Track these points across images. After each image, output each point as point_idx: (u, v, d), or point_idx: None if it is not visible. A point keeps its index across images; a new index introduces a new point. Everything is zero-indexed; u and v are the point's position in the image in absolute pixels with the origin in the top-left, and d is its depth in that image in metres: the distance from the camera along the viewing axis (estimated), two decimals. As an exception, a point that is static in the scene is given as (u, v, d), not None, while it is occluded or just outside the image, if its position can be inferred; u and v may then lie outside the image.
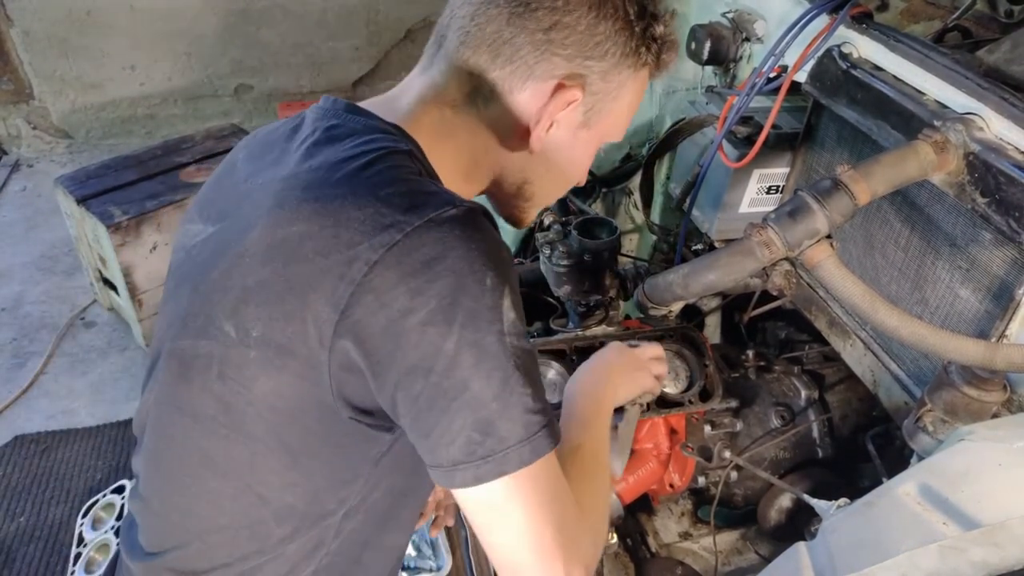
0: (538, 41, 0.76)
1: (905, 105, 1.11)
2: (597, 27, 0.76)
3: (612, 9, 0.77)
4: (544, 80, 0.77)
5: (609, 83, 0.80)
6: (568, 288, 1.27)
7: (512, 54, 0.76)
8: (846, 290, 0.96)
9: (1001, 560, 0.69)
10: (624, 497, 1.23)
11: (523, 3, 0.75)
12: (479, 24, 0.76)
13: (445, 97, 0.80)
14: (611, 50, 0.78)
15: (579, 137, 0.84)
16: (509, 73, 0.77)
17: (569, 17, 0.75)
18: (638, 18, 0.79)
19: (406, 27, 4.12)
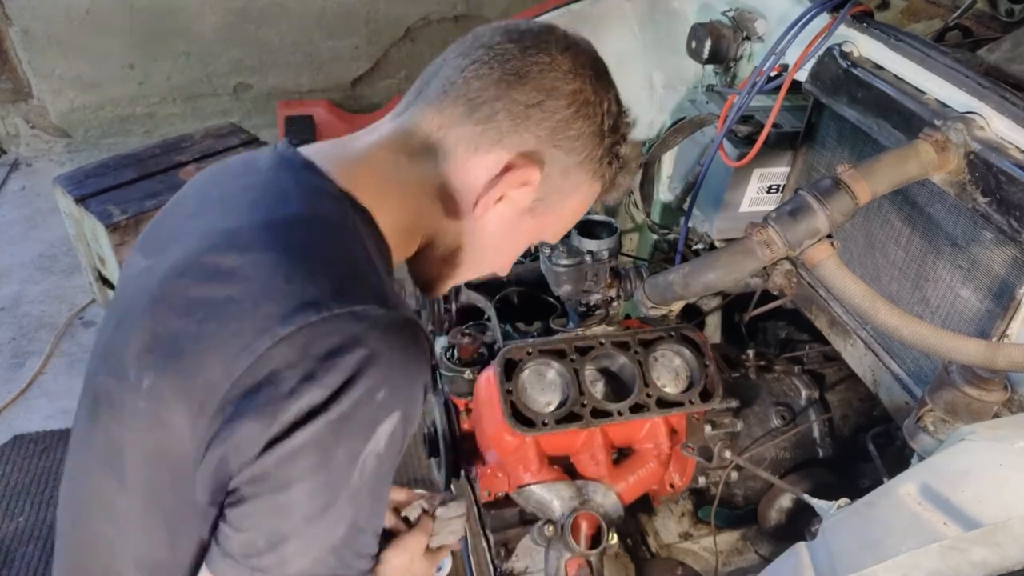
0: (518, 112, 0.76)
1: (906, 104, 1.11)
2: (575, 122, 0.78)
3: (592, 112, 0.79)
4: (510, 150, 0.77)
5: (566, 181, 0.81)
6: (568, 288, 1.26)
7: (489, 115, 0.76)
8: (847, 290, 0.96)
9: (1002, 560, 0.69)
10: (624, 497, 1.22)
11: (516, 72, 0.76)
12: (467, 78, 0.77)
13: (406, 144, 0.79)
14: (579, 148, 0.79)
15: (521, 222, 0.83)
16: (480, 132, 0.77)
17: (553, 102, 0.77)
18: (610, 131, 0.81)
19: (405, 26, 4.11)
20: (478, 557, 1.48)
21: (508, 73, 0.76)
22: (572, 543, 1.13)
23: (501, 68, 0.76)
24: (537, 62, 0.77)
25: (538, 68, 0.77)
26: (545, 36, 0.79)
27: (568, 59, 0.78)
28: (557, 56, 0.78)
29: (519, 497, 1.22)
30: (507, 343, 1.25)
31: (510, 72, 0.76)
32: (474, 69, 0.77)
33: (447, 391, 1.34)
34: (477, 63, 0.77)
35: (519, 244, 0.88)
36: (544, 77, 0.77)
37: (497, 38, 0.78)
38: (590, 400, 1.19)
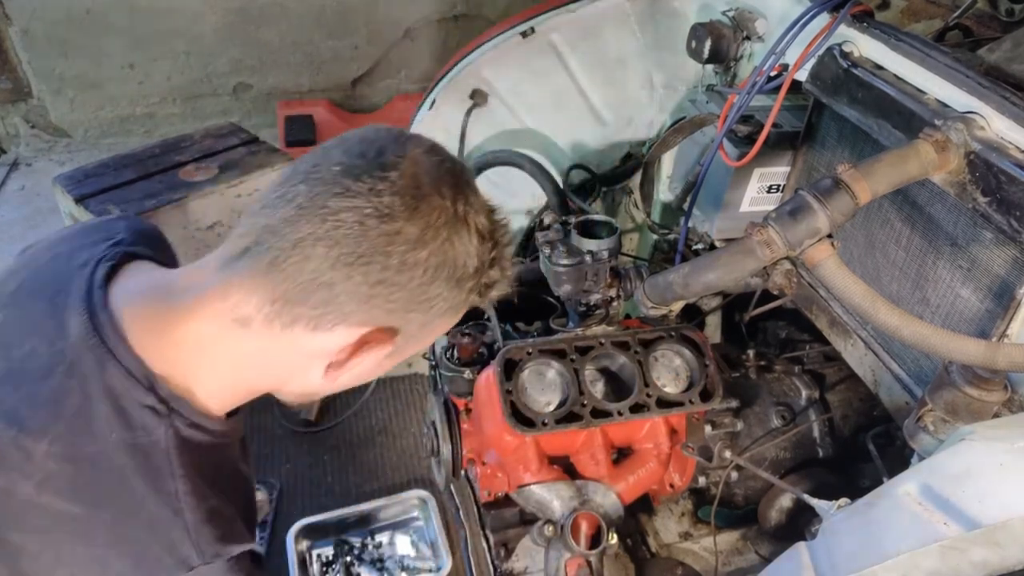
0: (361, 294, 0.69)
1: (906, 104, 1.11)
2: (429, 288, 0.71)
3: (450, 271, 0.72)
4: (357, 327, 0.72)
5: (426, 328, 0.77)
6: (568, 288, 1.26)
7: (328, 299, 0.69)
8: (847, 290, 0.96)
9: (1002, 560, 0.69)
10: (624, 497, 1.22)
11: (356, 253, 0.67)
12: (297, 260, 0.68)
13: (239, 311, 0.71)
14: (438, 305, 0.74)
15: (383, 363, 0.79)
16: (319, 314, 0.70)
17: (401, 277, 0.69)
18: (476, 273, 0.74)
19: (405, 26, 4.11)
20: (478, 557, 1.48)
21: (348, 254, 0.67)
22: (572, 543, 1.13)
23: (338, 247, 0.67)
24: (380, 237, 0.68)
25: (382, 243, 0.68)
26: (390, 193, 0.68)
27: (417, 222, 0.69)
28: (403, 224, 0.68)
29: (519, 497, 1.22)
30: (507, 343, 1.25)
31: (350, 253, 0.67)
32: (308, 246, 0.67)
33: (447, 391, 1.34)
34: (309, 237, 0.67)
35: (379, 373, 0.83)
36: (387, 253, 0.68)
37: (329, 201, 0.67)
38: (590, 400, 1.19)
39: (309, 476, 2.37)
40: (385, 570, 2.07)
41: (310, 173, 0.70)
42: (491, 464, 1.26)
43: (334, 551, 2.10)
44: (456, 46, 4.13)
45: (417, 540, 2.16)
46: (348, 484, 2.36)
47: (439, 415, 1.31)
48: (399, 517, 2.21)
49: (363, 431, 2.55)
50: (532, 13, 1.79)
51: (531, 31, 1.77)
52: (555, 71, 1.87)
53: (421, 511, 2.21)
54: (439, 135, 1.95)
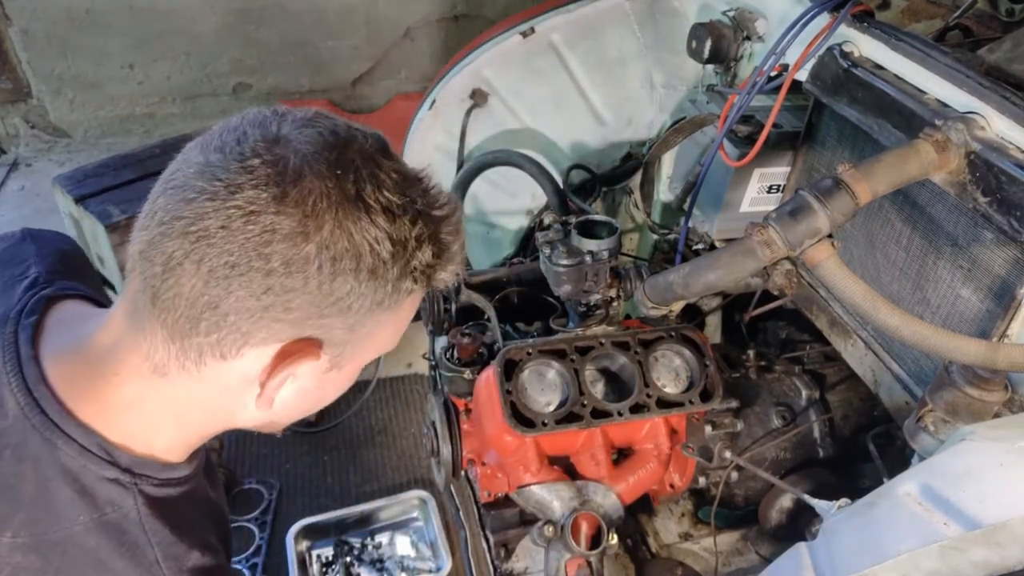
0: (250, 308, 0.60)
1: (906, 104, 1.11)
2: (333, 284, 0.61)
3: (354, 261, 0.61)
4: (265, 346, 0.63)
5: (359, 331, 0.66)
6: (568, 288, 1.26)
7: (217, 321, 0.60)
8: (847, 290, 0.95)
9: (1002, 560, 0.69)
10: (624, 497, 1.22)
11: (228, 264, 0.58)
12: (171, 286, 0.60)
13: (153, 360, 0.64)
14: (356, 304, 0.63)
15: (329, 378, 0.70)
16: (216, 341, 0.62)
17: (292, 280, 0.59)
18: (394, 259, 0.62)
19: (405, 26, 4.11)
20: (478, 557, 1.48)
21: (216, 263, 0.58)
22: (572, 543, 1.13)
23: (207, 262, 0.58)
24: (250, 240, 0.58)
25: (255, 247, 0.58)
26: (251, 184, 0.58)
27: (291, 213, 0.58)
28: (274, 218, 0.58)
29: (519, 497, 1.22)
30: (507, 343, 1.25)
31: (221, 266, 0.58)
32: (176, 268, 0.59)
33: (447, 391, 1.34)
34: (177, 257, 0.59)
35: (344, 385, 0.74)
36: (268, 257, 0.58)
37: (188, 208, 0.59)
38: (590, 400, 1.18)
39: (309, 476, 2.37)
40: (385, 570, 2.07)
41: (168, 181, 0.62)
42: (491, 464, 1.26)
43: (334, 551, 2.10)
44: (456, 46, 4.12)
45: (417, 540, 2.16)
46: (348, 484, 2.36)
47: (439, 415, 1.31)
48: (399, 517, 2.21)
49: (363, 431, 2.55)
50: (532, 13, 1.79)
51: (531, 31, 1.77)
52: (555, 71, 1.87)
53: (421, 511, 2.21)
54: (439, 135, 1.96)
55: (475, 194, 1.88)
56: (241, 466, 2.39)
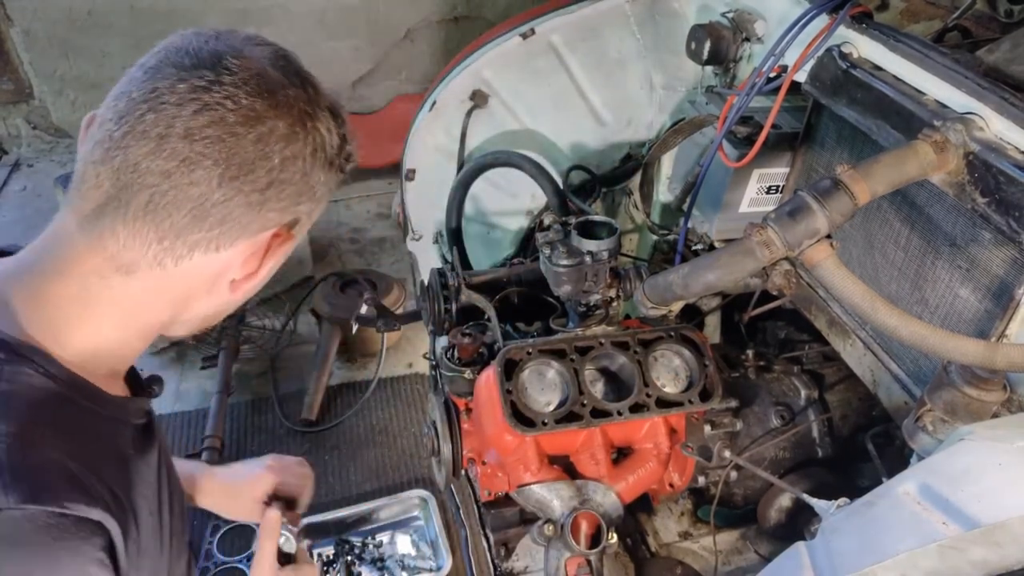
0: (254, 202, 0.70)
1: (905, 105, 1.11)
2: (311, 175, 0.74)
3: (323, 155, 0.74)
4: (258, 234, 0.73)
5: (313, 214, 0.79)
6: (568, 288, 1.26)
7: (224, 216, 0.69)
8: (846, 290, 0.96)
9: (1001, 560, 0.69)
10: (624, 497, 1.22)
11: (237, 165, 0.67)
12: (178, 185, 0.67)
13: (118, 262, 0.70)
14: (320, 190, 0.76)
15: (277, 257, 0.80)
16: (218, 234, 0.70)
17: (287, 173, 0.71)
18: (339, 151, 0.76)
19: (406, 27, 4.11)
20: (478, 556, 1.49)
21: (229, 167, 0.67)
22: (572, 542, 1.13)
23: (219, 163, 0.67)
24: (254, 140, 0.68)
25: (259, 148, 0.68)
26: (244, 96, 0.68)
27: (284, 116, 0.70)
28: (270, 121, 0.69)
29: (519, 497, 1.22)
30: (507, 343, 1.25)
31: (230, 165, 0.67)
32: (185, 173, 0.66)
33: (447, 391, 1.34)
34: (185, 163, 0.66)
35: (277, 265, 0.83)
36: (267, 155, 0.69)
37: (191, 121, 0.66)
38: (590, 400, 1.19)
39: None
40: (385, 569, 2.08)
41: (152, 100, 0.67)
42: (491, 464, 1.26)
43: (335, 550, 2.10)
44: (456, 47, 4.11)
45: (417, 539, 2.16)
46: (349, 484, 2.36)
47: (439, 415, 1.31)
48: (399, 517, 2.21)
49: (363, 431, 2.55)
50: (532, 14, 1.80)
51: (531, 32, 1.77)
52: (555, 72, 1.87)
53: (421, 511, 2.22)
54: (440, 136, 1.96)
55: (475, 194, 1.88)
56: (242, 466, 2.39)
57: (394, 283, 2.80)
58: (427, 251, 2.14)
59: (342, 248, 3.50)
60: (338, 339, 2.71)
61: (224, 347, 2.63)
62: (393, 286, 2.78)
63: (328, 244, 3.51)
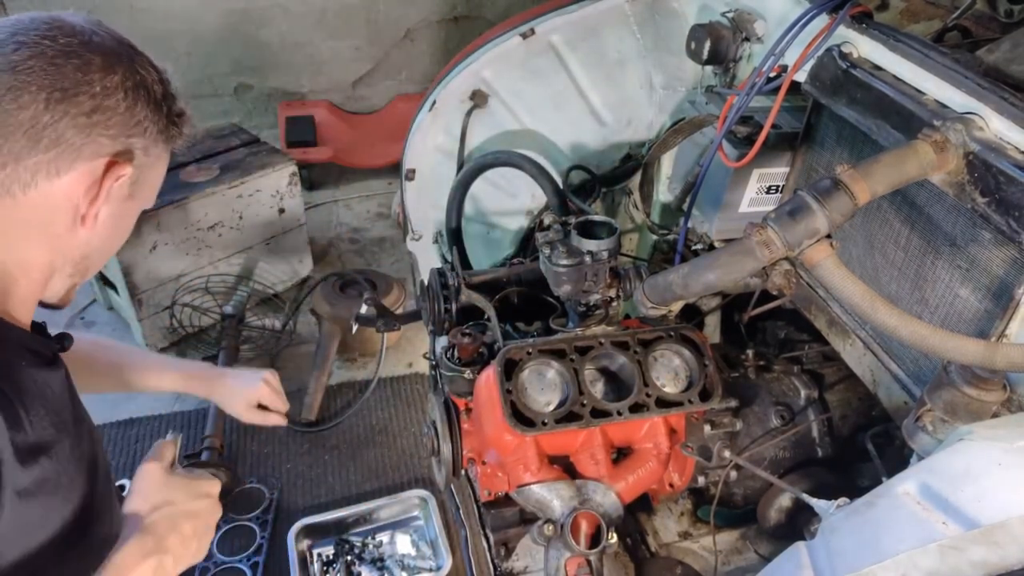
0: (81, 125, 0.77)
1: (905, 105, 1.11)
2: (135, 108, 0.81)
3: (145, 92, 0.82)
4: (92, 159, 0.79)
5: (149, 156, 0.86)
6: (568, 288, 1.26)
7: (56, 138, 0.76)
8: (846, 290, 0.96)
9: (1001, 560, 0.69)
10: (624, 497, 1.22)
11: (60, 88, 0.75)
12: (8, 111, 0.74)
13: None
14: (149, 128, 0.83)
15: (127, 208, 0.87)
16: (54, 156, 0.77)
17: (110, 101, 0.78)
18: (163, 100, 0.85)
19: (406, 27, 4.11)
20: (478, 556, 1.49)
21: (53, 91, 0.75)
22: (572, 542, 1.13)
23: (43, 88, 0.75)
24: (73, 69, 0.76)
25: (78, 75, 0.76)
26: (61, 36, 0.77)
27: (98, 52, 0.79)
28: (86, 55, 0.78)
29: (519, 496, 1.22)
30: (507, 343, 1.25)
31: (54, 90, 0.75)
32: (13, 99, 0.74)
33: (447, 391, 1.34)
34: (11, 91, 0.74)
35: (130, 225, 0.92)
36: (88, 83, 0.77)
37: (13, 56, 0.75)
38: (590, 400, 1.19)
39: (310, 475, 2.38)
40: (385, 569, 2.08)
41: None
42: (491, 464, 1.26)
43: (335, 550, 2.10)
44: (456, 47, 4.11)
45: (417, 539, 2.16)
46: (349, 483, 2.36)
47: (439, 415, 1.31)
48: (399, 516, 2.21)
49: (363, 431, 2.55)
50: (532, 14, 1.80)
51: (531, 32, 1.77)
52: (555, 72, 1.87)
53: (421, 510, 2.22)
54: (440, 136, 1.96)
55: (475, 194, 1.88)
56: (242, 465, 2.39)
57: (394, 283, 2.81)
58: (427, 251, 2.14)
59: (342, 248, 3.50)
60: (338, 339, 2.71)
61: (224, 347, 2.63)
62: (393, 286, 2.78)
63: (328, 244, 3.51)
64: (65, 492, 0.81)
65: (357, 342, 2.79)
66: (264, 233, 2.92)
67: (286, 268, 3.07)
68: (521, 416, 1.15)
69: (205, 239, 2.74)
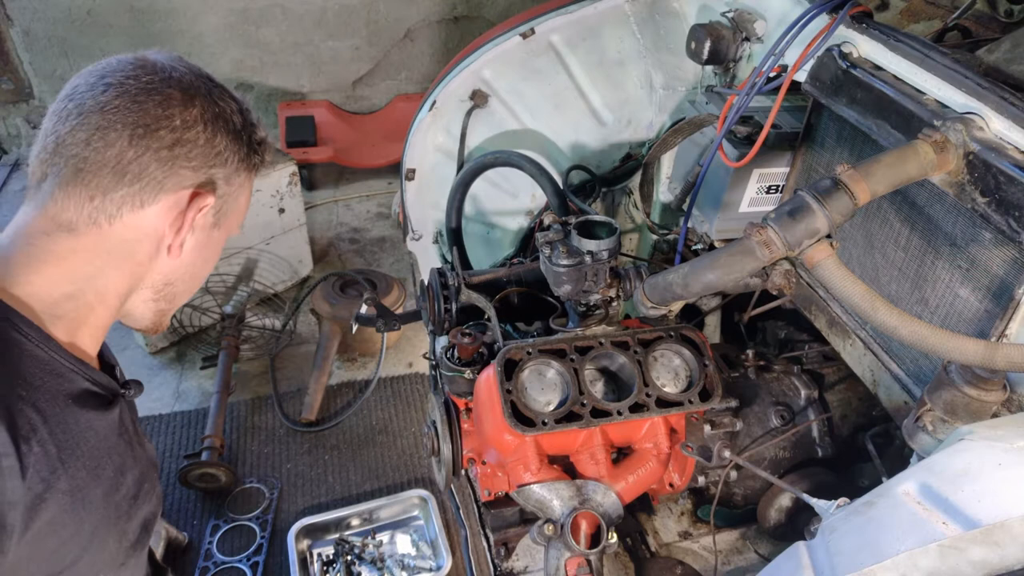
0: (164, 158, 0.81)
1: (905, 105, 1.11)
2: (215, 139, 0.85)
3: (224, 123, 0.86)
4: (176, 191, 0.83)
5: (232, 185, 0.89)
6: (568, 288, 1.26)
7: (140, 172, 0.81)
8: (846, 290, 0.96)
9: (1001, 560, 0.69)
10: (624, 496, 1.22)
11: (143, 125, 0.80)
12: (97, 148, 0.79)
13: (59, 221, 0.81)
14: (230, 158, 0.87)
15: (212, 237, 0.91)
16: (138, 190, 0.81)
17: (190, 133, 0.83)
18: (244, 129, 0.89)
19: (406, 27, 4.11)
20: (478, 556, 1.49)
21: (136, 128, 0.79)
22: (572, 542, 1.13)
23: (126, 127, 0.79)
24: (154, 105, 0.81)
25: (159, 111, 0.81)
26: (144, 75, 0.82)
27: (176, 87, 0.83)
28: (166, 90, 0.82)
29: (519, 496, 1.22)
30: (507, 343, 1.25)
31: (137, 126, 0.79)
32: (100, 137, 0.79)
33: (447, 391, 1.34)
34: (100, 130, 0.79)
35: (217, 254, 0.96)
36: (169, 117, 0.81)
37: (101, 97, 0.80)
38: (590, 400, 1.19)
39: (309, 476, 2.38)
40: (385, 569, 2.08)
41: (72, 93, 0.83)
42: (491, 463, 1.26)
43: (335, 550, 2.10)
44: (456, 47, 4.11)
45: (417, 539, 2.16)
46: (349, 483, 2.36)
47: (439, 415, 1.31)
48: (399, 516, 2.22)
49: (363, 431, 2.55)
50: (532, 14, 1.80)
51: (531, 32, 1.77)
52: (555, 72, 1.87)
53: (421, 510, 2.22)
54: (440, 136, 1.96)
55: (475, 194, 1.88)
56: (242, 465, 2.39)
57: (394, 283, 2.81)
58: (427, 251, 2.14)
59: (342, 248, 3.50)
60: (338, 339, 2.71)
61: (224, 347, 2.63)
62: (393, 286, 2.78)
63: (328, 244, 3.51)
64: (84, 540, 0.81)
65: (357, 342, 2.79)
66: (264, 233, 2.93)
67: (286, 268, 3.07)
68: (521, 416, 1.15)
69: (205, 239, 2.75)
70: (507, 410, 1.15)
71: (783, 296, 1.38)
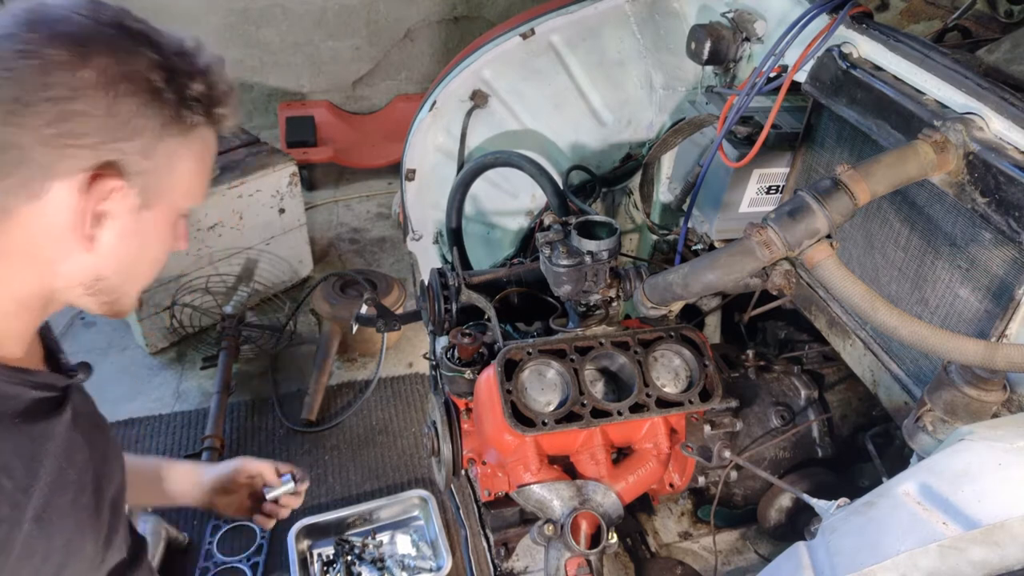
0: (47, 137, 0.65)
1: (905, 105, 1.11)
2: (116, 107, 0.67)
3: (132, 85, 0.68)
4: (70, 176, 0.67)
5: (154, 157, 0.71)
6: (568, 288, 1.26)
7: (20, 158, 0.65)
8: (846, 290, 0.96)
9: (1001, 560, 0.69)
10: (624, 497, 1.22)
11: (16, 99, 0.64)
12: None
13: None
14: (145, 125, 0.69)
15: (144, 219, 0.74)
16: (26, 179, 0.66)
17: (79, 104, 0.65)
18: (168, 84, 0.70)
19: (406, 27, 4.12)
20: (478, 556, 1.49)
21: (10, 105, 0.64)
22: (572, 542, 1.13)
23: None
24: (32, 71, 0.64)
25: (37, 78, 0.64)
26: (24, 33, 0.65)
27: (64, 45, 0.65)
28: (47, 51, 0.65)
29: (519, 497, 1.22)
30: (507, 343, 1.25)
31: (10, 102, 0.64)
32: None
33: (447, 391, 1.34)
34: None
35: (163, 233, 0.78)
36: (50, 85, 0.64)
37: None
38: (590, 400, 1.19)
39: (310, 476, 2.38)
40: (386, 569, 2.08)
41: None
42: (491, 464, 1.26)
43: (335, 550, 2.10)
44: (456, 47, 4.11)
45: (417, 539, 2.16)
46: (349, 483, 2.36)
47: (440, 415, 1.31)
48: (400, 516, 2.21)
49: (363, 431, 2.55)
50: (532, 14, 1.80)
51: (531, 32, 1.77)
52: (555, 72, 1.87)
53: (421, 511, 2.22)
54: (440, 136, 1.96)
55: (475, 194, 1.88)
56: (242, 466, 2.39)
57: (394, 283, 2.81)
58: (427, 251, 2.14)
59: (342, 248, 3.50)
60: (338, 339, 2.71)
61: (224, 347, 2.63)
62: (393, 286, 2.78)
63: (328, 244, 3.51)
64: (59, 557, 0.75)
65: (357, 342, 2.79)
66: (264, 233, 2.93)
67: (286, 268, 3.07)
68: (521, 416, 1.15)
69: (205, 239, 2.75)
70: (507, 410, 1.15)
71: (783, 296, 1.38)
